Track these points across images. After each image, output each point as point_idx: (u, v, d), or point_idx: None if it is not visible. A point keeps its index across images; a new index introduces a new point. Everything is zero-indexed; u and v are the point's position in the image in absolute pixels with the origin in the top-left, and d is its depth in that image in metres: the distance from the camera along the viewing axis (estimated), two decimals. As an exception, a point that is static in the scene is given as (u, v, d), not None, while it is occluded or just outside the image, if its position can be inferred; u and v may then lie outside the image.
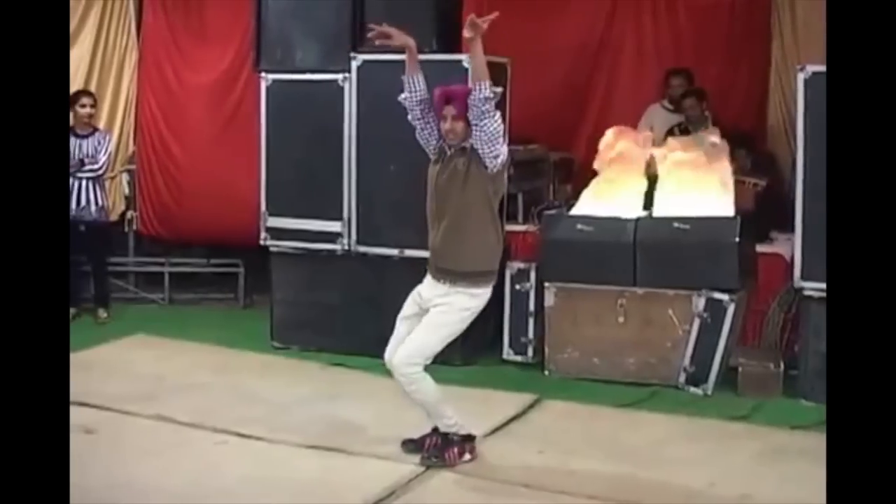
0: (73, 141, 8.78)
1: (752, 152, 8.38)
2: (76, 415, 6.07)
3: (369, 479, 5.32)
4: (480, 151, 5.29)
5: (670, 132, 8.52)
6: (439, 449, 5.57)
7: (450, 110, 5.37)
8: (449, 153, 5.46)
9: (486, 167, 5.33)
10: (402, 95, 5.58)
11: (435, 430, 5.64)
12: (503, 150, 5.37)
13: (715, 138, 7.55)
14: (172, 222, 9.74)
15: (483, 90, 5.21)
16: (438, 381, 6.98)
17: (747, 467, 5.58)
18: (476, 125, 5.25)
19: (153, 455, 5.63)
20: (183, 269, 9.85)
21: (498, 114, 5.30)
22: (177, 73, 9.71)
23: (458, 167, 5.38)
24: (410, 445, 5.68)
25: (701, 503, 5.13)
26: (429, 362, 5.49)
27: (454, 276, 5.42)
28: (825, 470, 5.40)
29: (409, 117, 5.58)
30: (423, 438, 5.67)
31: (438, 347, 5.49)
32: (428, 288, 5.55)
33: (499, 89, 5.38)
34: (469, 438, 5.65)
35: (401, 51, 7.39)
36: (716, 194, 7.19)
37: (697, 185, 7.24)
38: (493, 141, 5.27)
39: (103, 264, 9.14)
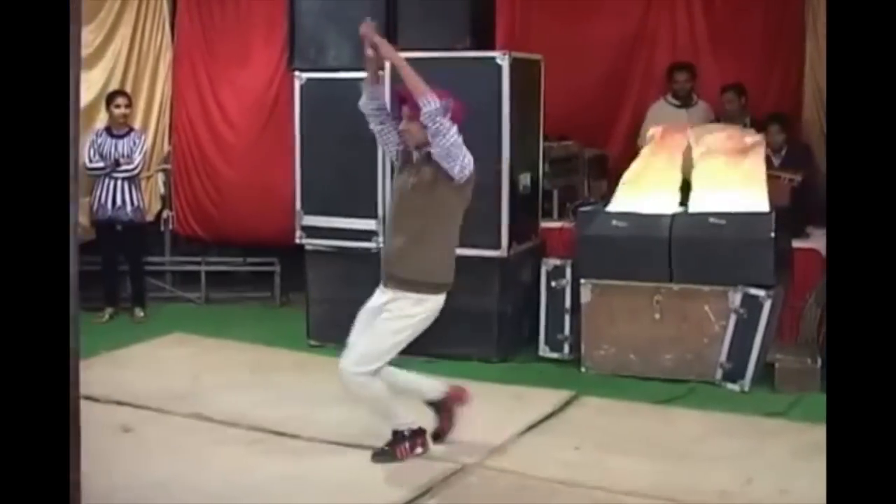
0: (108, 141, 8.87)
1: (784, 129, 8.33)
2: (114, 413, 6.22)
3: (405, 476, 5.33)
4: (443, 165, 5.20)
5: None
6: (390, 445, 5.57)
7: (405, 111, 5.32)
8: (416, 159, 5.39)
9: (451, 178, 5.24)
10: (361, 101, 5.56)
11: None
12: (467, 162, 5.25)
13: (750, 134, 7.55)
14: (208, 221, 9.80)
15: (427, 105, 5.13)
16: (475, 377, 7.03)
17: (785, 463, 5.54)
18: (432, 141, 5.18)
19: (189, 453, 5.66)
20: (219, 269, 9.91)
21: (454, 128, 5.18)
22: (211, 72, 9.76)
23: (426, 176, 5.29)
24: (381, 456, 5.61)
25: (738, 500, 5.09)
26: (376, 368, 5.41)
27: (404, 283, 5.35)
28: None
29: (370, 126, 5.58)
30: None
31: (388, 356, 5.45)
32: (380, 292, 5.49)
33: (444, 102, 5.22)
34: (419, 433, 5.62)
35: (434, 48, 7.46)
36: (751, 189, 7.15)
37: (733, 181, 7.20)
38: (450, 157, 5.17)
39: (140, 264, 9.20)
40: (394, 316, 5.36)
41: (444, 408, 5.77)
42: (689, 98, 8.99)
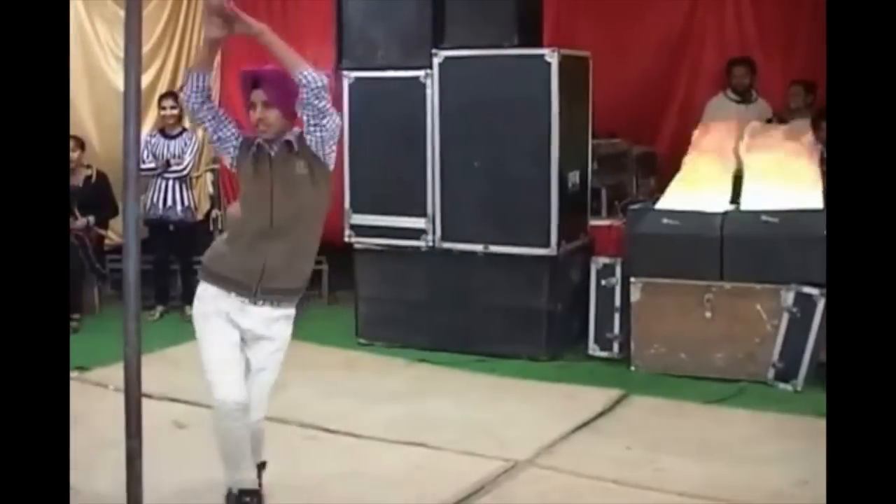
0: (162, 142, 8.99)
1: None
2: (167, 410, 6.24)
3: (457, 474, 5.30)
4: (320, 153, 4.41)
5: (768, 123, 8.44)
6: None
7: (259, 95, 4.38)
8: (273, 153, 4.42)
9: (326, 167, 4.47)
10: (187, 95, 4.45)
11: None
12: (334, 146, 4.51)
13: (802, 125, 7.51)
14: (256, 221, 9.84)
15: (314, 81, 4.24)
16: (524, 376, 7.03)
17: (840, 465, 5.47)
18: (317, 125, 4.34)
19: (242, 450, 5.67)
20: (268, 267, 9.92)
21: (333, 108, 4.41)
22: (258, 73, 9.80)
23: (300, 171, 4.41)
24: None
25: (792, 502, 5.01)
26: None
27: (281, 294, 4.53)
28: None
29: (205, 124, 4.51)
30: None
31: None
32: (241, 313, 4.53)
33: (323, 77, 4.35)
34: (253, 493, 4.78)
35: (482, 46, 7.43)
36: (804, 186, 7.08)
37: (785, 178, 7.14)
38: (332, 140, 4.42)
39: (191, 262, 9.25)
40: (281, 347, 4.69)
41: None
42: (747, 93, 8.94)
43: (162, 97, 9.18)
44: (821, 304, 6.72)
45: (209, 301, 4.55)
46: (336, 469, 5.41)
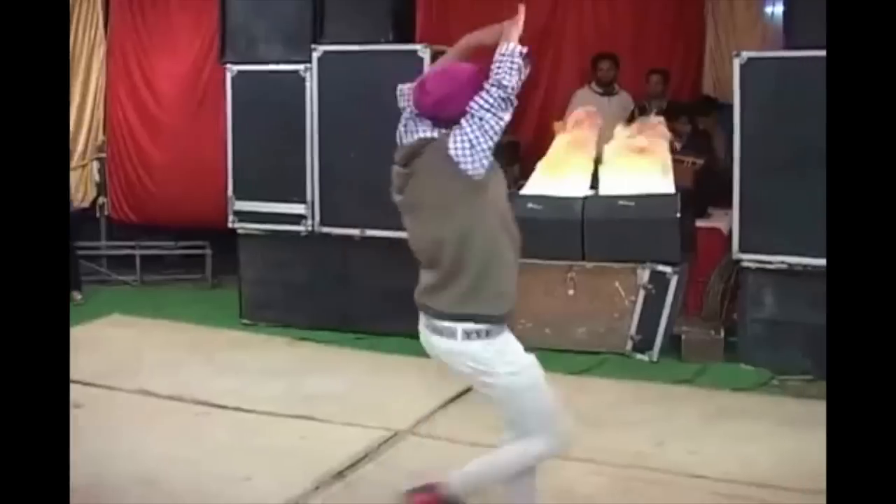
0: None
1: (690, 120, 8.54)
2: (63, 391, 6.19)
3: (343, 443, 5.40)
4: None
5: (632, 115, 8.70)
6: None
7: None
8: None
9: None
10: (519, 77, 3.80)
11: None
12: None
13: (656, 120, 7.73)
14: (142, 208, 9.77)
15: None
16: (403, 352, 7.12)
17: (693, 427, 5.70)
18: None
19: (138, 426, 5.67)
20: (152, 252, 9.87)
21: None
22: (143, 65, 9.71)
23: None
24: None
25: (651, 461, 5.23)
26: None
27: None
28: (765, 428, 5.56)
29: (509, 110, 3.75)
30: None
31: None
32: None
33: None
34: None
35: (359, 41, 7.49)
36: (657, 173, 7.30)
37: (640, 165, 7.35)
38: None
39: (72, 249, 9.13)
40: None
41: None
42: (611, 86, 9.17)
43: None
44: (673, 281, 6.98)
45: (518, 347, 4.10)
46: (228, 441, 5.47)
